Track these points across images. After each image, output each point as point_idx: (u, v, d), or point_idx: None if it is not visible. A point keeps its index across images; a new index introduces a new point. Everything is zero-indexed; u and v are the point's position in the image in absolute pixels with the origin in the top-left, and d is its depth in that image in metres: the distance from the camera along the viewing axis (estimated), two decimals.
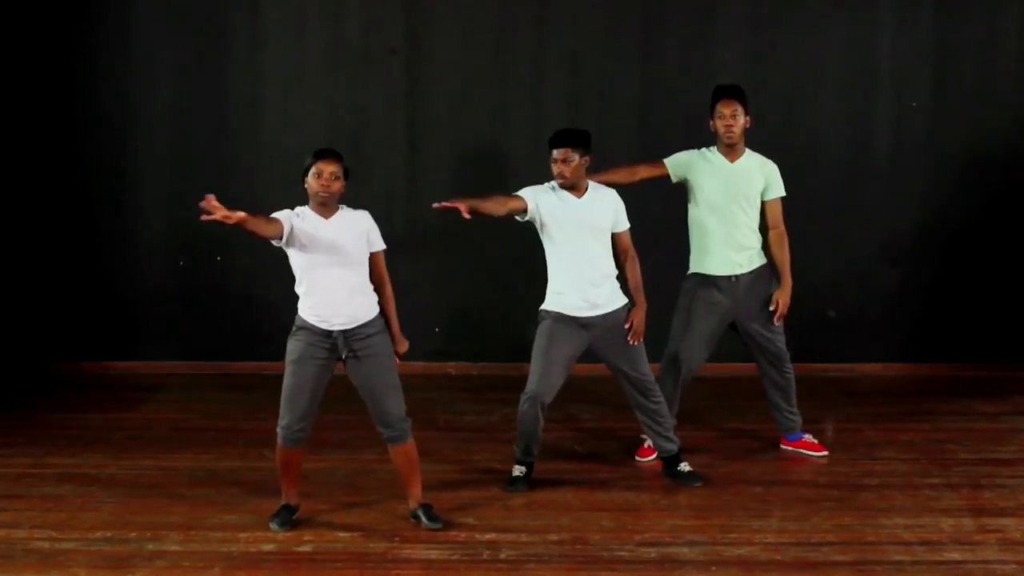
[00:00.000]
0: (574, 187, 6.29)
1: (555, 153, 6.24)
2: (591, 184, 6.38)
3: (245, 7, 9.06)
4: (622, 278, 6.49)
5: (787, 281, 6.87)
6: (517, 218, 6.34)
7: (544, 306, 6.42)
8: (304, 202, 5.75)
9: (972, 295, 9.19)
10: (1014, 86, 9.10)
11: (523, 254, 9.04)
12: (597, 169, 6.56)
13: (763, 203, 6.85)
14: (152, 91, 9.09)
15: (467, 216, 5.92)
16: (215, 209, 5.24)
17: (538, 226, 6.34)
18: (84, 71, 9.06)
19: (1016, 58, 9.08)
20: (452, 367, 9.26)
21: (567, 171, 6.23)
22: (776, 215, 6.87)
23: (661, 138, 8.82)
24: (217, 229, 9.06)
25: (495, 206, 6.20)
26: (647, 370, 6.45)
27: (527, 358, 6.40)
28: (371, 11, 9.10)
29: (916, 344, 9.25)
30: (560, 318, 6.34)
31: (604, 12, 9.06)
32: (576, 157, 6.22)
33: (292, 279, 5.80)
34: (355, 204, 5.86)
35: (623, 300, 6.41)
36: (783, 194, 6.88)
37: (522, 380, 6.42)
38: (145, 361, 9.23)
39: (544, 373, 6.30)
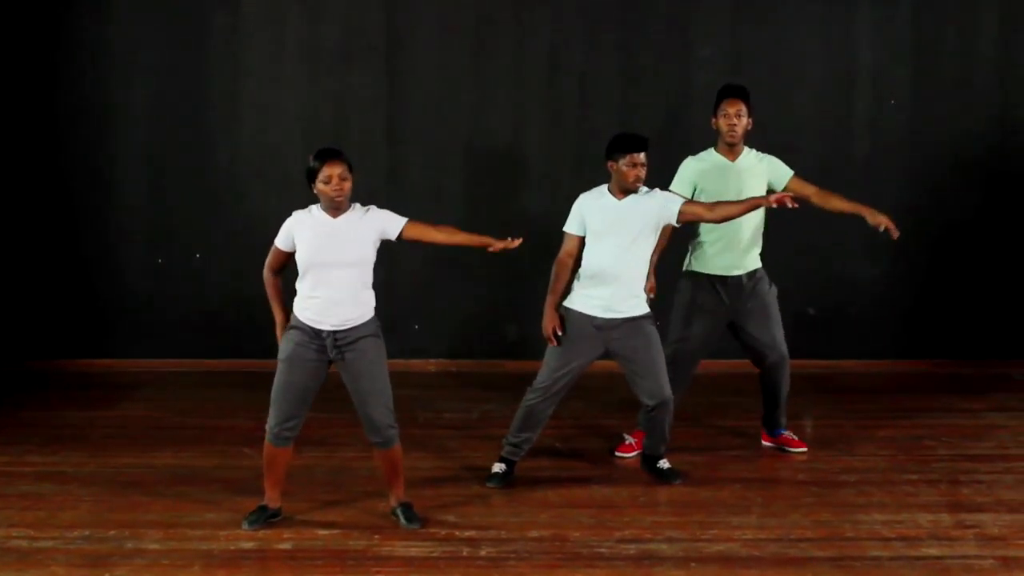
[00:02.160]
0: (631, 190, 6.28)
1: (631, 158, 6.20)
2: (642, 188, 6.35)
3: (224, 3, 9.02)
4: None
5: (863, 207, 6.79)
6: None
7: (566, 302, 6.38)
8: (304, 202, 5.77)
9: (951, 292, 9.23)
10: (993, 82, 9.13)
11: (505, 252, 9.06)
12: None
13: (788, 189, 6.76)
14: (131, 88, 9.05)
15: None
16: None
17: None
18: (63, 67, 9.02)
19: (994, 54, 9.11)
20: (432, 364, 9.25)
21: (643, 175, 6.24)
22: (804, 184, 6.83)
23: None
24: (196, 226, 9.12)
25: (566, 273, 6.35)
26: (664, 382, 6.36)
27: (507, 355, 6.41)
28: (350, 7, 9.08)
29: (895, 341, 9.28)
30: (578, 317, 6.32)
31: (583, 11, 9.06)
32: (647, 162, 6.24)
33: None
34: None
35: (645, 309, 6.36)
36: (792, 172, 6.86)
37: (503, 377, 6.45)
38: (124, 359, 9.20)
39: (556, 369, 6.33)
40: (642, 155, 6.21)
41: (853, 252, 9.21)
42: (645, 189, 6.31)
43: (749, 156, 6.84)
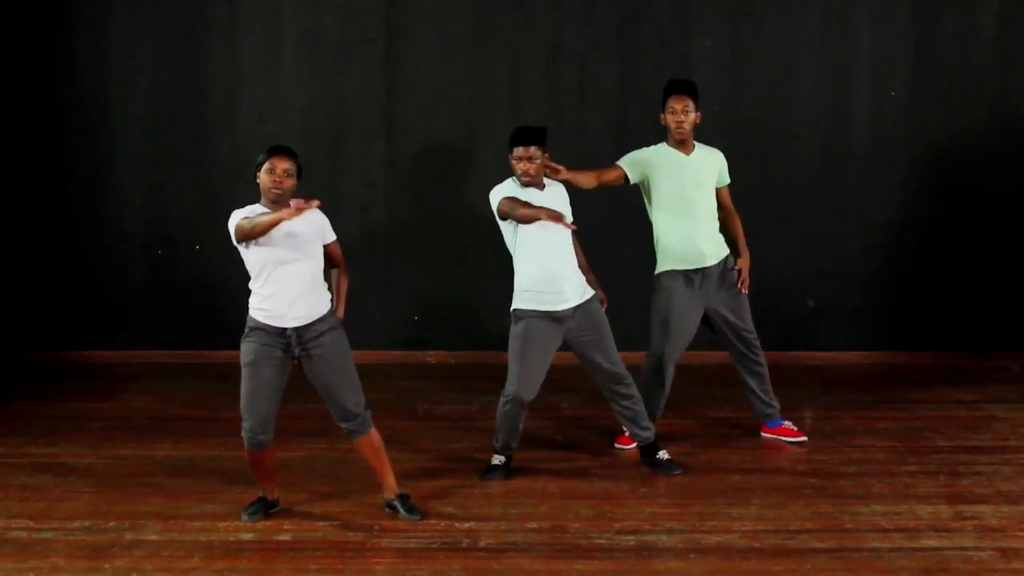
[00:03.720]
0: (535, 183, 6.31)
1: (519, 151, 6.25)
2: (545, 178, 6.41)
3: None
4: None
5: (746, 251, 7.01)
6: (502, 223, 6.37)
7: (517, 305, 6.38)
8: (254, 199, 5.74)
9: (949, 284, 9.23)
10: (991, 76, 9.12)
11: (501, 243, 9.07)
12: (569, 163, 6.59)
13: (718, 194, 6.96)
14: (129, 81, 9.05)
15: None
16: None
17: (512, 226, 6.34)
18: (61, 61, 9.01)
19: (993, 48, 9.10)
20: (431, 356, 9.25)
21: (532, 169, 6.26)
22: (727, 198, 7.01)
23: (639, 128, 8.82)
24: (194, 218, 9.12)
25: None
26: (619, 359, 6.46)
27: (505, 347, 6.40)
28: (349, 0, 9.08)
29: (894, 332, 9.28)
30: (534, 316, 6.33)
31: (582, 1, 9.05)
32: (539, 154, 6.26)
33: None
34: (333, 193, 5.87)
35: (591, 292, 6.44)
36: (728, 182, 7.01)
37: (501, 368, 6.43)
38: (123, 350, 9.20)
39: (523, 375, 6.31)
40: (531, 148, 6.23)
41: (851, 244, 9.21)
42: (554, 183, 6.43)
43: (702, 150, 6.91)
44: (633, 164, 6.86)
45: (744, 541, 5.56)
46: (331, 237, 5.82)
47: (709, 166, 6.89)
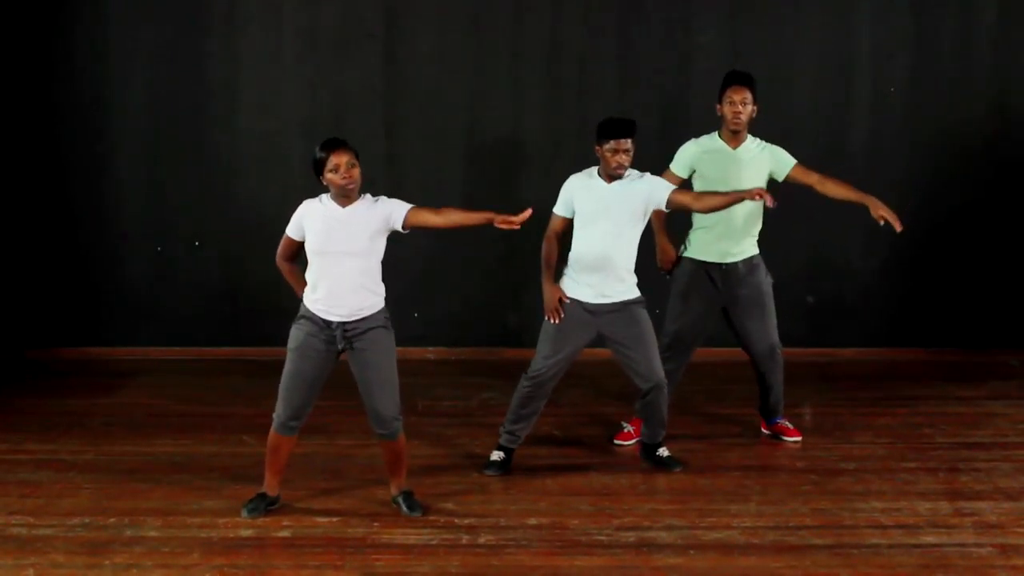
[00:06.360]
0: (615, 175, 6.27)
1: (614, 143, 6.18)
2: (631, 172, 6.34)
3: None
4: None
5: (866, 196, 6.73)
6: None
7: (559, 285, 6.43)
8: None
9: (948, 281, 9.22)
10: (991, 72, 9.11)
11: (503, 240, 9.06)
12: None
13: (790, 178, 6.79)
14: (128, 75, 9.02)
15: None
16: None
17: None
18: (61, 56, 8.99)
19: (993, 44, 9.08)
20: (431, 352, 9.25)
21: (627, 161, 6.22)
22: (807, 172, 6.80)
23: (639, 123, 8.82)
24: (194, 214, 9.11)
25: (553, 248, 6.42)
26: (656, 366, 6.38)
27: (506, 343, 6.42)
28: None
29: (893, 329, 9.28)
30: (570, 302, 6.35)
31: (582, 1, 9.03)
32: (632, 147, 6.22)
33: (269, 264, 5.80)
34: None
35: (636, 293, 6.37)
36: (795, 161, 6.81)
37: (501, 365, 6.45)
38: (123, 347, 9.19)
39: (549, 356, 6.35)
40: (627, 141, 6.20)
41: (851, 240, 9.20)
42: (637, 173, 6.30)
43: (751, 145, 6.82)
44: (682, 166, 6.88)
45: (744, 537, 5.57)
46: (402, 212, 5.68)
47: (755, 163, 6.77)
